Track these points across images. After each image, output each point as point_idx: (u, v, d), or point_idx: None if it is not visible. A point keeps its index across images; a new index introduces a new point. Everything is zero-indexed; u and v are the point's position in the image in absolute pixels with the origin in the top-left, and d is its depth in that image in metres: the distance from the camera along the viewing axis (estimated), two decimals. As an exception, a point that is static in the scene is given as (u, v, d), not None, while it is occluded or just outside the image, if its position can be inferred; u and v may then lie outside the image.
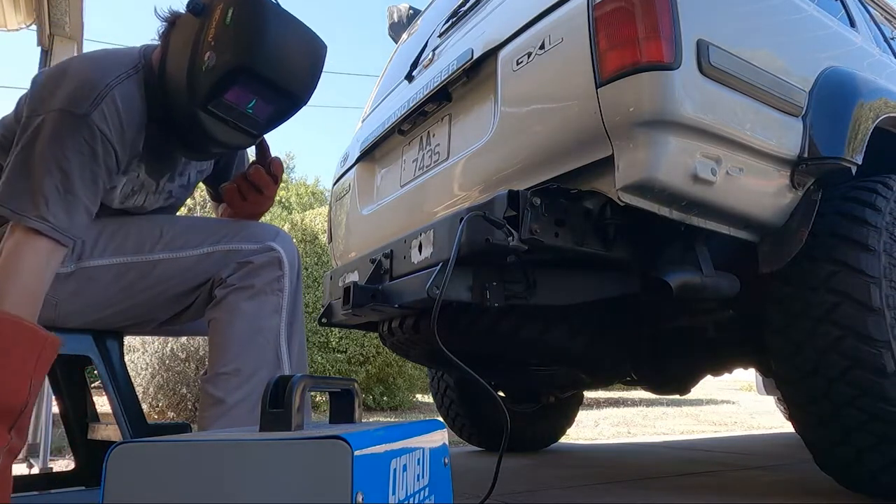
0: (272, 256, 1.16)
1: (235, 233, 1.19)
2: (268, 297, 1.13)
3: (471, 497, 1.60)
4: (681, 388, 2.29)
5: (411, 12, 2.65)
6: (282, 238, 1.21)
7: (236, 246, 1.17)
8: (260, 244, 1.17)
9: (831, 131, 1.47)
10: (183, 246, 1.16)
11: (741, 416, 6.08)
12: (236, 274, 1.14)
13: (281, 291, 1.15)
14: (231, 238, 1.18)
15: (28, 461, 2.55)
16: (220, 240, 1.17)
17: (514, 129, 1.48)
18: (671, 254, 1.41)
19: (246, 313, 1.11)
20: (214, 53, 0.99)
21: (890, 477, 1.36)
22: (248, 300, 1.12)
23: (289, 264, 1.17)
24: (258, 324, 1.11)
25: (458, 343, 1.73)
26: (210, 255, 1.16)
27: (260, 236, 1.19)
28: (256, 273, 1.14)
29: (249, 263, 1.14)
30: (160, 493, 0.54)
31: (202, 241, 1.17)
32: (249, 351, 1.09)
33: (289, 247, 1.20)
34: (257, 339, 1.11)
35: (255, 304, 1.12)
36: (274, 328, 1.13)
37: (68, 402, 1.39)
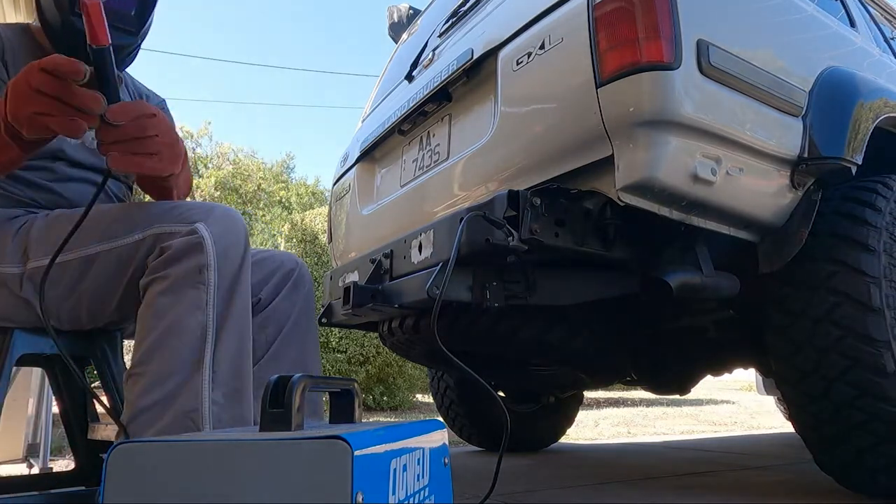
0: (192, 241, 0.97)
1: (167, 213, 1.02)
2: (185, 290, 0.95)
3: (471, 497, 1.60)
4: (681, 388, 2.29)
5: (411, 12, 2.65)
6: (216, 218, 1.00)
7: (167, 227, 1.00)
8: (188, 224, 0.99)
9: (831, 131, 1.47)
10: (116, 234, 1.03)
11: (741, 416, 6.08)
12: (156, 261, 0.98)
13: (203, 284, 0.96)
14: (162, 219, 1.01)
15: (28, 461, 2.55)
16: (152, 221, 1.02)
17: (514, 129, 1.48)
18: (671, 254, 1.41)
19: (161, 310, 0.95)
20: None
21: (890, 477, 1.36)
22: (162, 294, 0.95)
23: (218, 250, 0.98)
24: (174, 322, 0.94)
25: (458, 343, 1.73)
26: (143, 241, 1.01)
27: (192, 215, 1.00)
28: (174, 260, 0.96)
29: (169, 248, 0.97)
30: (160, 493, 0.54)
31: (135, 226, 1.03)
32: (162, 353, 0.94)
33: (223, 229, 1.00)
34: (172, 339, 0.94)
35: (171, 299, 0.95)
36: (194, 328, 0.94)
37: (68, 402, 1.39)
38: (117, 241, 1.02)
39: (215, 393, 0.94)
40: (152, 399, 0.92)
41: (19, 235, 1.05)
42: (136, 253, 1.01)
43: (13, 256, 1.03)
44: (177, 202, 1.07)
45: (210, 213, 1.01)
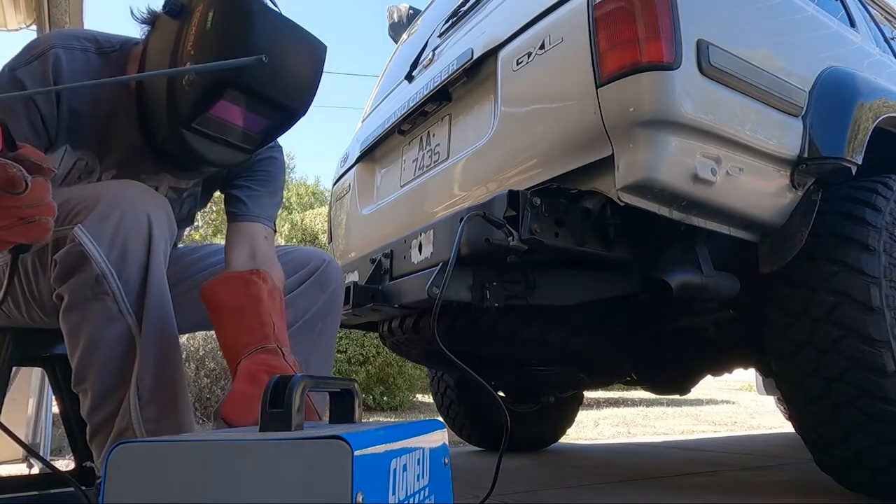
0: (73, 252, 0.84)
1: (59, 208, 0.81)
2: (89, 304, 0.85)
3: (471, 497, 1.60)
4: (681, 388, 2.29)
5: (411, 12, 2.65)
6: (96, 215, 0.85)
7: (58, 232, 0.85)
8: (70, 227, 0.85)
9: (831, 131, 1.47)
10: None
11: (741, 416, 6.08)
12: (53, 275, 0.87)
13: (107, 294, 0.85)
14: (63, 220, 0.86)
15: (28, 461, 2.55)
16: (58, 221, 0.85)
17: (514, 129, 1.48)
18: (671, 254, 1.41)
19: (73, 327, 0.86)
20: (195, 64, 0.86)
21: (890, 477, 1.36)
22: (68, 311, 0.86)
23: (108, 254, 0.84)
24: (91, 339, 0.86)
25: (457, 343, 1.73)
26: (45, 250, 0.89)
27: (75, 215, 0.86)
28: (62, 276, 0.86)
29: (55, 263, 0.86)
30: (160, 493, 0.54)
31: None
32: (94, 371, 0.86)
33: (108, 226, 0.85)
34: (97, 357, 0.86)
35: (77, 315, 0.86)
36: (111, 343, 0.85)
37: (68, 402, 1.39)
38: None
39: (146, 410, 0.86)
40: (98, 419, 0.88)
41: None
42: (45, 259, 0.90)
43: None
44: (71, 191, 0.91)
45: (92, 209, 0.85)
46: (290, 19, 0.92)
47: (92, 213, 0.84)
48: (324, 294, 1.20)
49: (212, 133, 0.94)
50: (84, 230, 0.83)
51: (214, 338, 5.68)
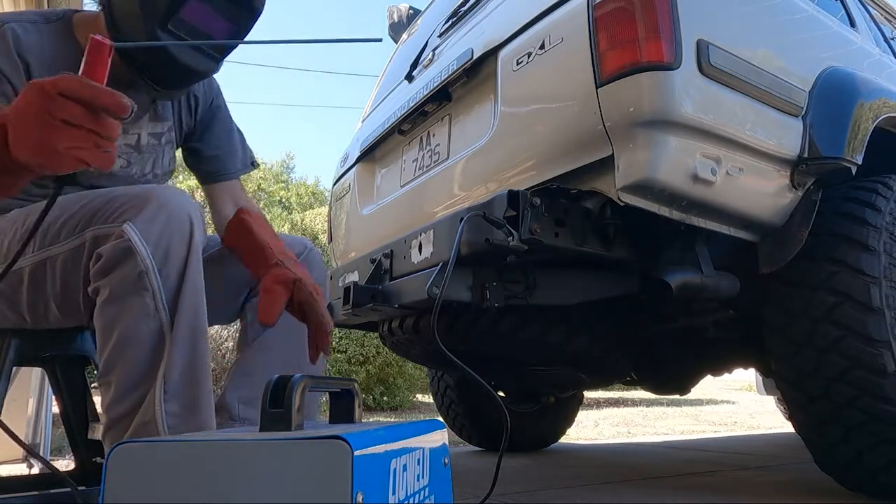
0: (120, 247, 0.89)
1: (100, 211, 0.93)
2: (128, 299, 0.89)
3: (471, 497, 1.60)
4: (681, 388, 2.30)
5: (411, 12, 2.65)
6: (148, 215, 0.90)
7: (101, 229, 0.92)
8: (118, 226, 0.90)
9: (831, 131, 1.47)
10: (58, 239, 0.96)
11: (741, 416, 6.08)
12: (93, 269, 0.91)
13: (146, 289, 0.89)
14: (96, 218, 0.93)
15: (28, 461, 2.55)
16: (86, 224, 0.94)
17: (514, 129, 1.48)
18: (671, 254, 1.41)
19: (109, 320, 0.90)
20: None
21: (890, 477, 1.36)
22: (107, 304, 0.90)
23: (155, 252, 0.90)
24: (125, 332, 0.90)
25: (457, 343, 1.73)
26: (83, 246, 0.94)
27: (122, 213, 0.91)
28: (106, 270, 0.90)
29: (100, 257, 0.90)
30: (160, 493, 0.54)
31: (74, 228, 0.95)
32: (120, 365, 0.90)
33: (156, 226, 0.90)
34: (126, 351, 0.90)
35: (115, 308, 0.90)
36: (144, 338, 0.89)
37: (68, 402, 1.39)
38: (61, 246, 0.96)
39: (170, 405, 0.90)
40: (118, 412, 0.91)
41: None
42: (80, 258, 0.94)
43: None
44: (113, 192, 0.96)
45: (142, 208, 0.90)
46: None
47: (141, 213, 0.90)
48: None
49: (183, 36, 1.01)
50: (133, 227, 0.89)
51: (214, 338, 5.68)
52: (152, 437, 0.87)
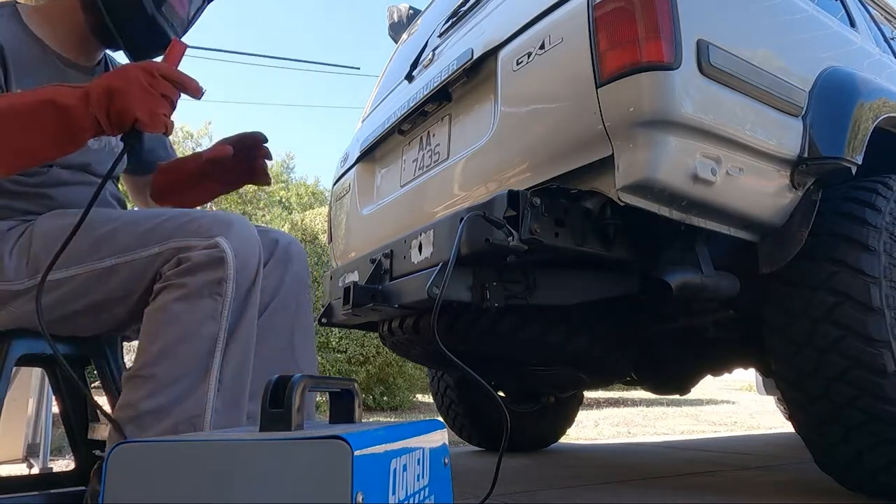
0: (213, 255, 0.99)
1: (189, 226, 1.04)
2: (202, 300, 0.98)
3: (471, 497, 1.60)
4: (681, 388, 2.30)
5: (411, 12, 2.65)
6: (235, 232, 1.03)
7: (185, 241, 1.02)
8: (208, 239, 1.01)
9: (831, 131, 1.47)
10: (130, 247, 1.04)
11: (741, 416, 6.08)
12: (173, 270, 1.00)
13: (221, 296, 0.99)
14: (182, 233, 1.03)
15: (28, 461, 2.55)
16: (169, 236, 1.03)
17: (514, 129, 1.48)
18: (671, 254, 1.41)
19: (174, 315, 0.97)
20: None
21: (890, 477, 1.36)
22: (178, 301, 0.98)
23: (237, 265, 1.01)
24: (187, 329, 0.97)
25: (457, 343, 1.73)
26: (160, 255, 1.03)
27: (211, 229, 1.02)
28: (192, 271, 0.99)
29: (188, 259, 1.00)
30: (160, 493, 0.54)
31: (150, 238, 1.04)
32: (172, 358, 0.96)
33: (240, 244, 1.02)
34: (183, 346, 0.96)
35: (187, 306, 0.97)
36: (206, 337, 0.97)
37: (68, 402, 1.39)
38: (133, 254, 1.03)
39: (217, 401, 0.97)
40: (157, 403, 0.94)
41: (19, 249, 1.04)
42: (153, 266, 1.03)
43: (16, 273, 1.04)
44: (191, 213, 1.08)
45: (230, 227, 1.03)
46: None
47: (231, 231, 1.02)
48: (290, 270, 1.20)
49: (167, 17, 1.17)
50: (226, 241, 1.01)
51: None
52: (197, 430, 0.92)
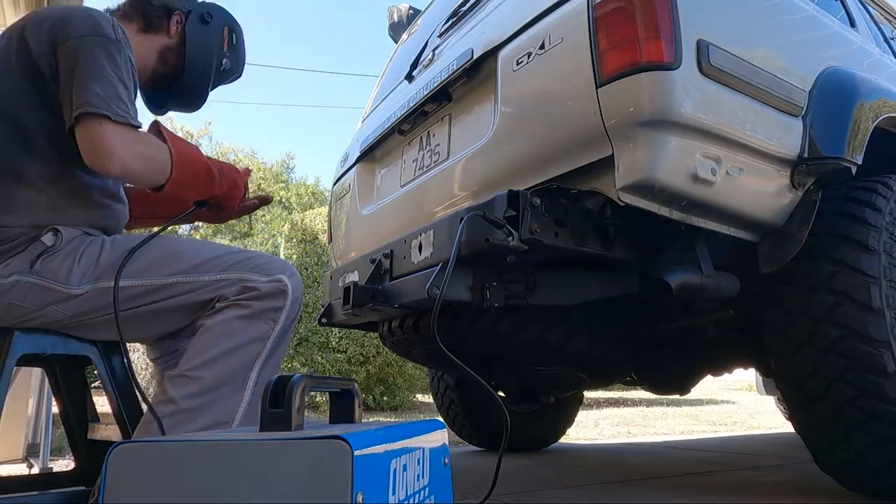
0: (279, 287, 1.19)
1: (247, 263, 1.21)
2: (260, 322, 1.15)
3: (471, 497, 1.60)
4: (681, 388, 2.29)
5: (411, 12, 2.65)
6: (290, 272, 1.23)
7: (248, 276, 1.19)
8: (270, 275, 1.20)
9: (831, 131, 1.47)
10: (193, 271, 1.18)
11: (741, 416, 6.08)
12: (241, 295, 1.17)
13: (275, 322, 1.17)
14: (242, 267, 1.20)
15: (28, 461, 2.55)
16: (230, 267, 1.20)
17: (514, 129, 1.48)
18: (671, 254, 1.41)
19: (234, 330, 1.13)
20: (229, 61, 1.48)
21: (890, 477, 1.36)
22: (241, 318, 1.14)
23: (292, 299, 1.20)
24: (240, 344, 1.12)
25: (457, 343, 1.73)
26: (220, 282, 1.19)
27: (272, 269, 1.21)
28: (260, 297, 1.17)
29: (255, 289, 1.17)
30: (160, 493, 0.54)
31: (213, 267, 1.19)
32: (221, 366, 1.10)
33: (296, 283, 1.22)
34: (233, 357, 1.11)
35: (246, 324, 1.14)
36: (253, 354, 1.14)
37: (68, 402, 1.39)
38: (193, 276, 1.18)
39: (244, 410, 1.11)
40: (196, 403, 1.08)
41: (85, 259, 1.13)
42: (207, 290, 1.17)
43: (80, 279, 1.12)
44: (250, 252, 1.27)
45: (288, 267, 1.24)
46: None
47: (289, 271, 1.23)
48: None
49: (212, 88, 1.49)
50: (288, 280, 1.20)
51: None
52: None
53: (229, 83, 1.56)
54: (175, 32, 1.40)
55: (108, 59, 1.12)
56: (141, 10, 1.38)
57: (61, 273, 1.10)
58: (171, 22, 1.39)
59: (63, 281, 1.10)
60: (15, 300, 1.08)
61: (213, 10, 1.46)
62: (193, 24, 1.42)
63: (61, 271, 1.10)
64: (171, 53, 1.39)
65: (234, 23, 1.49)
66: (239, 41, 1.50)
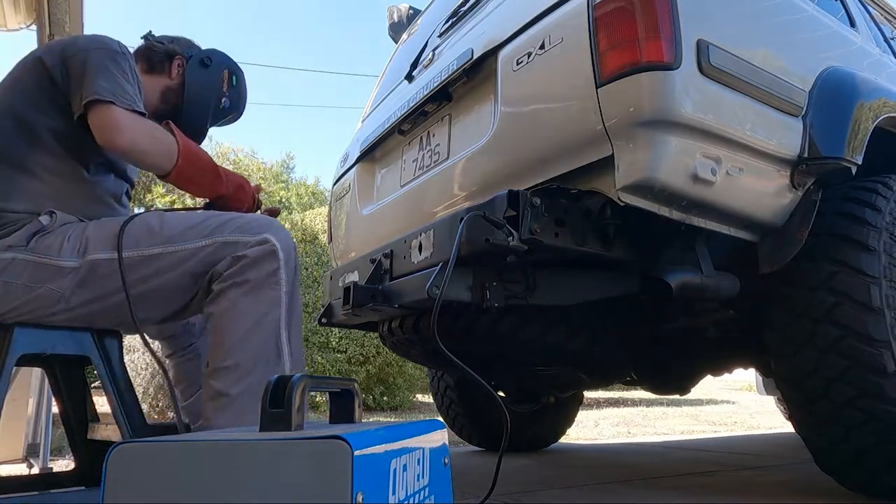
0: (267, 249, 1.19)
1: (228, 224, 1.22)
2: (265, 290, 1.16)
3: (471, 497, 1.60)
4: (681, 388, 2.29)
5: (411, 12, 2.65)
6: (275, 229, 1.23)
7: (232, 237, 1.20)
8: (254, 235, 1.20)
9: (831, 131, 1.47)
10: (177, 239, 1.20)
11: (741, 416, 6.08)
12: (233, 268, 1.17)
13: (278, 284, 1.18)
14: (224, 230, 1.21)
15: (28, 461, 2.55)
16: (213, 231, 1.21)
17: (514, 129, 1.48)
18: (671, 254, 1.41)
19: (244, 308, 1.14)
20: (228, 101, 1.58)
21: (890, 477, 1.36)
22: (245, 295, 1.15)
23: (284, 255, 1.20)
24: (257, 318, 1.15)
25: (457, 343, 1.73)
26: (205, 248, 1.19)
27: (254, 228, 1.22)
28: (252, 266, 1.17)
29: (245, 257, 1.17)
30: (160, 493, 0.54)
31: (196, 233, 1.20)
32: (249, 345, 1.13)
33: (283, 237, 1.22)
34: (257, 332, 1.14)
35: (253, 298, 1.15)
36: (273, 321, 1.16)
37: (68, 402, 1.39)
38: (178, 245, 1.19)
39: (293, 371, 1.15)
40: (246, 385, 1.11)
41: (74, 236, 1.18)
42: (196, 257, 1.19)
43: (70, 253, 1.16)
44: (232, 214, 1.27)
45: (270, 224, 1.23)
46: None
47: (272, 229, 1.22)
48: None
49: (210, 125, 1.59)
50: (273, 237, 1.20)
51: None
52: None
53: (231, 122, 1.66)
54: (176, 74, 1.52)
55: (114, 65, 1.23)
56: (146, 54, 1.51)
57: (53, 248, 1.15)
58: (172, 65, 1.52)
59: (55, 255, 1.15)
60: (10, 279, 1.13)
61: (214, 55, 1.57)
62: (194, 68, 1.53)
63: (53, 247, 1.15)
64: (172, 93, 1.51)
65: (234, 66, 1.60)
66: (239, 82, 1.60)
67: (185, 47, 1.56)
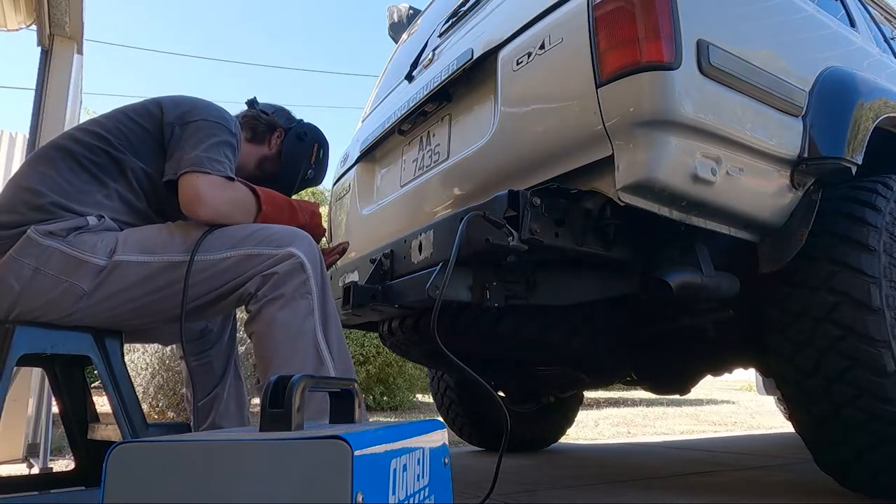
0: (294, 263, 1.23)
1: (253, 237, 1.25)
2: (298, 301, 1.20)
3: (471, 497, 1.60)
4: (681, 388, 2.29)
5: (411, 12, 2.65)
6: (299, 240, 1.26)
7: (256, 250, 1.23)
8: (279, 249, 1.23)
9: (831, 131, 1.47)
10: (204, 249, 1.22)
11: (741, 416, 6.08)
12: (265, 287, 1.21)
13: (309, 294, 1.22)
14: (249, 242, 1.24)
15: (28, 461, 2.55)
16: (238, 244, 1.24)
17: (514, 129, 1.48)
18: (671, 254, 1.41)
19: (282, 322, 1.19)
20: (313, 172, 1.69)
21: (890, 477, 1.36)
22: (281, 309, 1.20)
23: (311, 265, 1.24)
24: (295, 329, 1.19)
25: (457, 343, 1.73)
26: (229, 258, 1.23)
27: (277, 240, 1.25)
28: (283, 282, 1.21)
29: (275, 274, 1.21)
30: (160, 493, 0.54)
31: (221, 244, 1.23)
32: (292, 357, 1.17)
33: (307, 247, 1.26)
34: (297, 343, 1.18)
35: (289, 311, 1.19)
36: (310, 330, 1.20)
37: (68, 402, 1.39)
38: (205, 254, 1.22)
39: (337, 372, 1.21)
40: None
41: (108, 237, 1.22)
42: (220, 267, 1.22)
43: (103, 252, 1.19)
44: (256, 225, 1.30)
45: (295, 236, 1.27)
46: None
47: (297, 241, 1.25)
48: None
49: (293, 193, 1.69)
50: (299, 251, 1.24)
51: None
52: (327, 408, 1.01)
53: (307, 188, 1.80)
54: (274, 145, 1.64)
55: (226, 144, 1.31)
56: (251, 124, 1.61)
57: (88, 244, 1.18)
58: (272, 136, 1.63)
59: (88, 251, 1.18)
60: (43, 266, 1.15)
61: (308, 129, 1.68)
62: (290, 140, 1.65)
63: (88, 243, 1.19)
64: (269, 163, 1.63)
65: (323, 140, 1.70)
66: (325, 156, 1.72)
67: (284, 120, 1.67)
